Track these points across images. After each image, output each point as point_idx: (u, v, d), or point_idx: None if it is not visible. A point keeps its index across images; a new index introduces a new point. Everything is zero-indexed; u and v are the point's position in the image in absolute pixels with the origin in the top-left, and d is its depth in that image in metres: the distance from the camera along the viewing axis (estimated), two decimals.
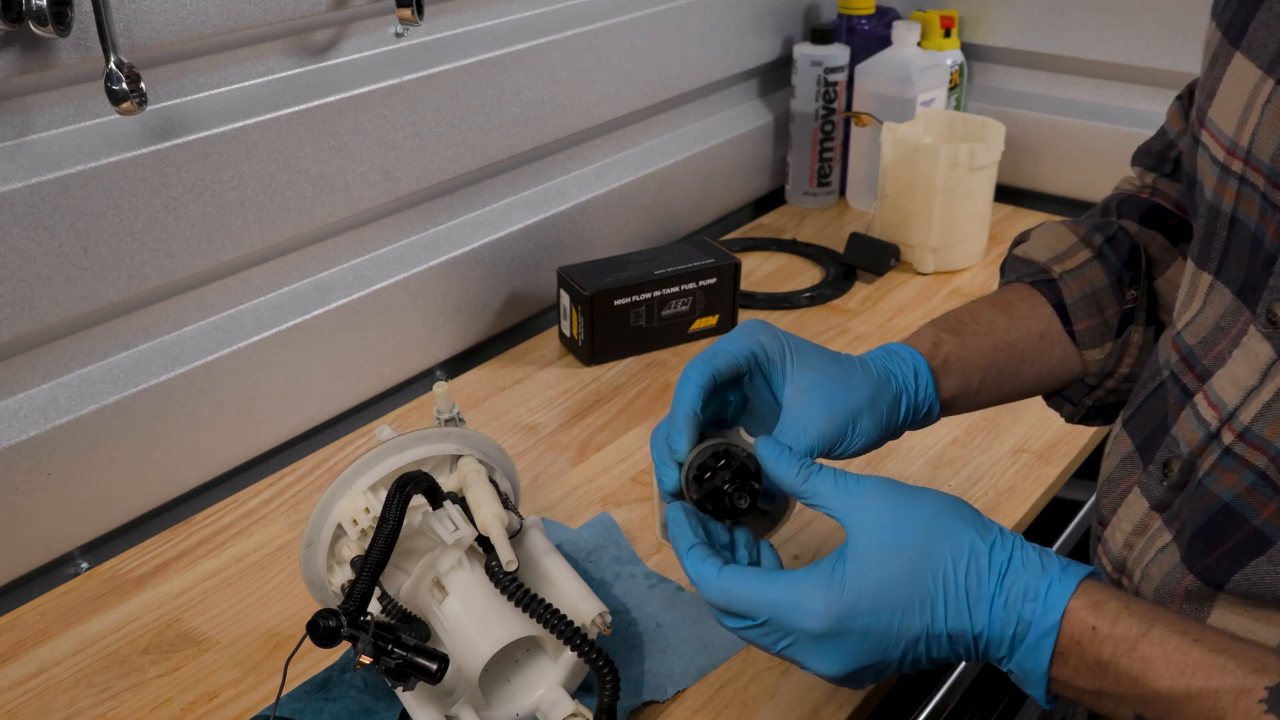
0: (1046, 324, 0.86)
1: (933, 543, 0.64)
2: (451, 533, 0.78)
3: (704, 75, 1.55)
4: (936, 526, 0.64)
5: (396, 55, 1.17)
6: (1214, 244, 0.71)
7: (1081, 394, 0.89)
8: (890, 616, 0.63)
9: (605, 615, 0.81)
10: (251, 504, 1.08)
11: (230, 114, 1.02)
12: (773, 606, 0.65)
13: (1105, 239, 0.87)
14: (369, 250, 1.21)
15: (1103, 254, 0.87)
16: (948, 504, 0.66)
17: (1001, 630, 0.63)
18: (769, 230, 1.65)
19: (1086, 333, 0.86)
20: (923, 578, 0.63)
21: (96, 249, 0.95)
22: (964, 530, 0.64)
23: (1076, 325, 0.86)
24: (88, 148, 0.93)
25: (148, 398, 1.02)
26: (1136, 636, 0.61)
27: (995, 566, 0.64)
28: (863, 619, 0.63)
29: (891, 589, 0.63)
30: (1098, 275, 0.86)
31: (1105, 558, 0.76)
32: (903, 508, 0.65)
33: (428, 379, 1.30)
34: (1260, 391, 0.65)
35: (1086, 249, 0.87)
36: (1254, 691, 0.57)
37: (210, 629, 0.94)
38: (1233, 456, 0.66)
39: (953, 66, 1.65)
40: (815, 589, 0.64)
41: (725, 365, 0.74)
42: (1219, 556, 0.66)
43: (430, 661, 0.72)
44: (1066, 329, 0.86)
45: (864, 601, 0.63)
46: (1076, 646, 0.62)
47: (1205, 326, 0.71)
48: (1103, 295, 0.86)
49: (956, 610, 0.63)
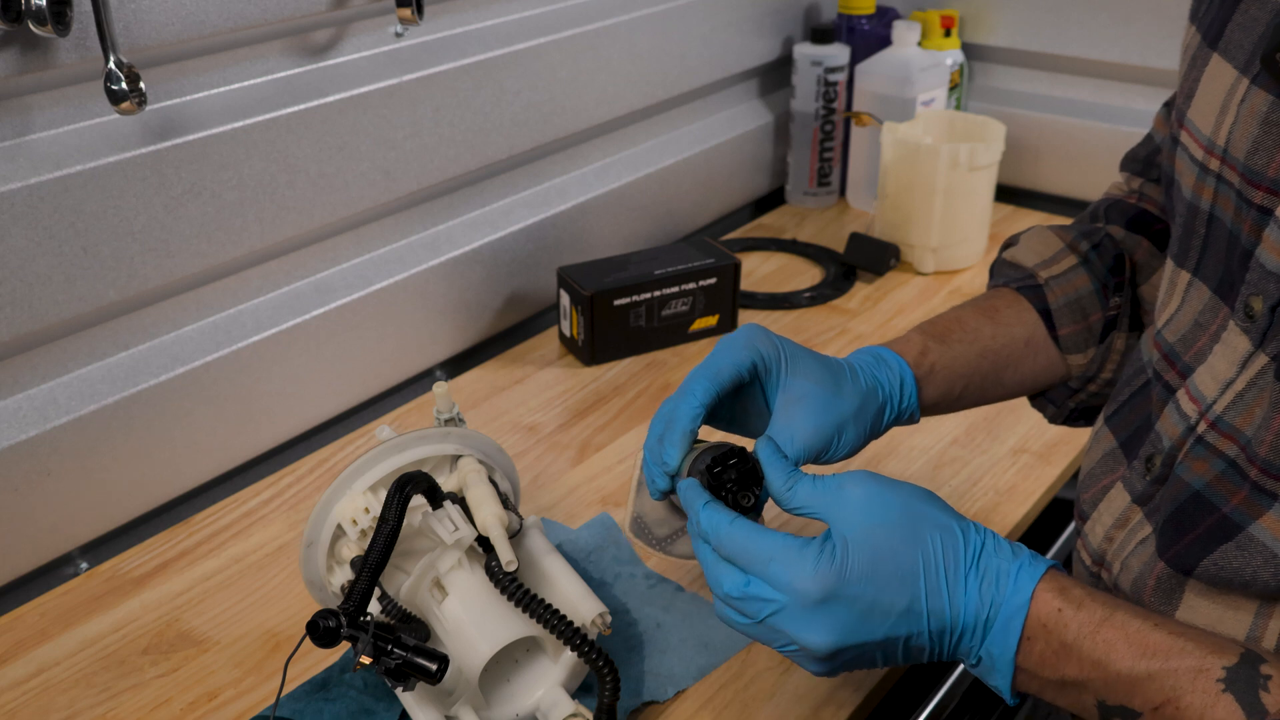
0: (1031, 330, 0.87)
1: (914, 522, 0.65)
2: (451, 533, 0.78)
3: (704, 75, 1.55)
4: (915, 509, 0.66)
5: (396, 55, 1.17)
6: (1192, 242, 0.72)
7: (1064, 396, 0.90)
8: (877, 589, 0.64)
9: (605, 615, 0.81)
10: (251, 504, 1.08)
11: (230, 114, 1.02)
12: (772, 558, 0.65)
13: (1091, 245, 0.89)
14: (369, 250, 1.21)
15: (1088, 260, 0.88)
16: (921, 492, 0.68)
17: (975, 613, 0.64)
18: (769, 230, 1.65)
19: (1070, 338, 0.87)
20: (907, 553, 0.64)
21: (96, 249, 0.95)
22: (940, 514, 0.66)
23: (1060, 330, 0.87)
24: (87, 148, 0.93)
25: (147, 398, 1.02)
26: (1100, 620, 0.62)
27: (971, 548, 0.65)
28: (853, 587, 0.64)
29: (879, 561, 0.64)
30: (1083, 281, 0.87)
31: (1084, 551, 0.77)
32: (880, 494, 0.66)
33: (427, 379, 1.30)
34: (1235, 383, 0.66)
35: (1073, 255, 0.88)
36: (1211, 671, 0.59)
37: (210, 629, 0.93)
38: (1204, 445, 0.68)
39: (953, 66, 1.65)
40: (809, 556, 0.65)
41: (729, 379, 0.75)
42: (1189, 543, 0.67)
43: (430, 662, 0.72)
44: (1051, 334, 0.87)
45: (854, 571, 0.64)
46: (1043, 630, 0.63)
47: (1185, 324, 0.72)
48: (1087, 301, 0.87)
49: (936, 587, 0.64)
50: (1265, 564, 0.63)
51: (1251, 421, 0.65)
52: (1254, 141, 0.65)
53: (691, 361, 1.31)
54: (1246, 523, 0.64)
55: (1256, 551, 0.63)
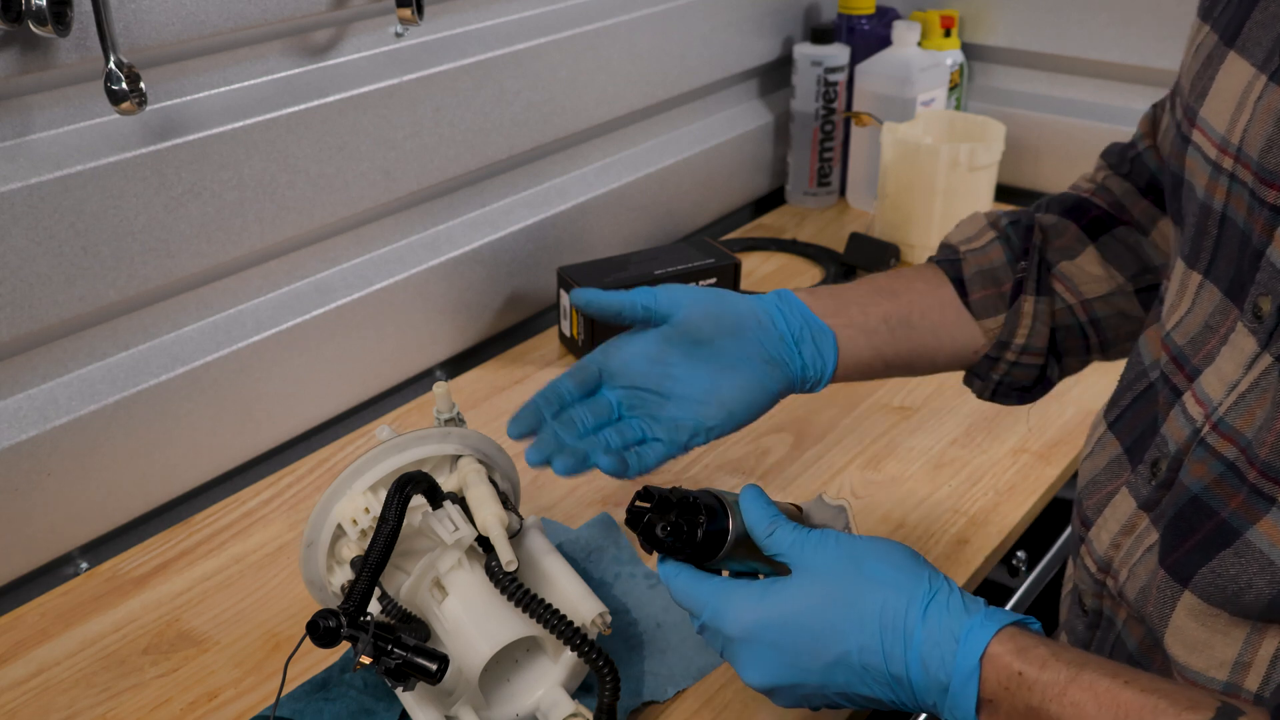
0: (945, 297, 0.89)
1: (857, 582, 0.67)
2: (451, 533, 0.78)
3: (704, 75, 1.55)
4: (868, 569, 0.68)
5: (396, 55, 1.17)
6: (1204, 243, 0.71)
7: (987, 369, 0.91)
8: (797, 637, 0.67)
9: (605, 615, 0.81)
10: (251, 504, 1.08)
11: (230, 114, 1.02)
12: (705, 604, 0.70)
13: (1010, 222, 0.91)
14: (369, 250, 1.21)
15: (1005, 235, 0.90)
16: (886, 552, 0.69)
17: (924, 672, 0.64)
18: (769, 230, 1.65)
19: (980, 302, 0.89)
20: (837, 609, 0.67)
21: (96, 249, 0.95)
22: (892, 573, 0.67)
23: (972, 296, 0.89)
24: (87, 148, 0.93)
25: (147, 398, 1.02)
26: (1066, 681, 0.61)
27: (917, 606, 0.65)
28: (773, 633, 0.68)
29: (803, 614, 0.67)
30: (997, 253, 0.90)
31: (1089, 558, 0.76)
32: (842, 556, 0.69)
33: (427, 379, 1.30)
34: (1239, 384, 0.66)
35: (992, 230, 0.91)
36: None
37: (210, 629, 0.93)
38: (1205, 447, 0.67)
39: (953, 66, 1.65)
40: (741, 598, 0.69)
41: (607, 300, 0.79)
42: (1188, 549, 0.66)
43: (430, 662, 0.72)
44: (963, 300, 0.89)
45: (776, 617, 0.68)
46: (1005, 693, 0.62)
47: (1194, 326, 0.71)
48: (1000, 271, 0.89)
49: (870, 646, 0.66)
50: (1261, 571, 0.62)
51: (1253, 423, 0.64)
52: (1268, 139, 0.65)
53: None
54: (1244, 528, 0.63)
55: (1253, 559, 0.62)
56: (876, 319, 0.86)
